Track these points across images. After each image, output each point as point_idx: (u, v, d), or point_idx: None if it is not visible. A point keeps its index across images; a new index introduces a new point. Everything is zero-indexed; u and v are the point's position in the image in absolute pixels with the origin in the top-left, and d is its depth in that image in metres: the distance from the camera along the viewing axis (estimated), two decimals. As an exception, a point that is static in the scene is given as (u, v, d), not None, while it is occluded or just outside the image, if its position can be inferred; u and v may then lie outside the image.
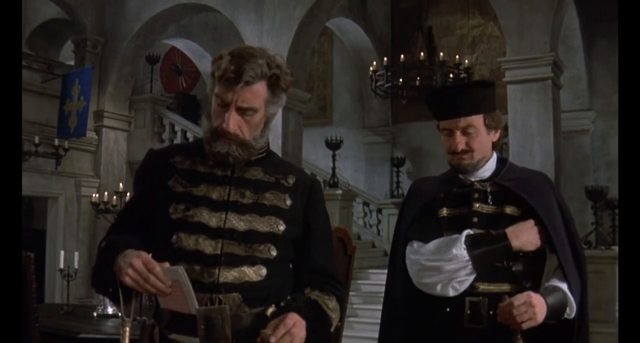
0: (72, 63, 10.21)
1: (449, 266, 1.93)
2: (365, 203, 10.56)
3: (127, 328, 1.60)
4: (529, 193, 2.02)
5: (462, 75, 9.16)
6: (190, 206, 1.70)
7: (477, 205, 2.04)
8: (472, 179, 2.09)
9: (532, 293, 1.84)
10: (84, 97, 8.55)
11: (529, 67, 6.63)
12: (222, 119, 1.68)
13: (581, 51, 9.47)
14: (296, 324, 1.58)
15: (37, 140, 8.09)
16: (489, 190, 2.06)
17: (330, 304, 1.76)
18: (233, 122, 1.67)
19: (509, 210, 2.02)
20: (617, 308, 6.27)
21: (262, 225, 1.72)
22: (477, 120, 2.03)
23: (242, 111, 1.68)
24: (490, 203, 2.04)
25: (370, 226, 10.43)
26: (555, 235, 1.98)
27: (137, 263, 1.52)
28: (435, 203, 2.09)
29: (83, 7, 9.47)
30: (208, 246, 1.67)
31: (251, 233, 1.70)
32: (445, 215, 2.07)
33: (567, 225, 2.05)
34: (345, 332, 2.84)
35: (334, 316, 1.77)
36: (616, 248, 6.81)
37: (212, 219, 1.69)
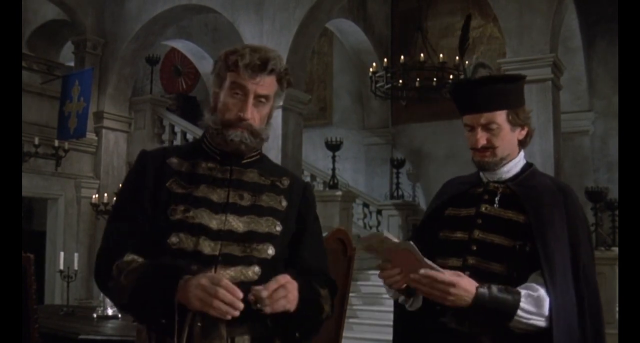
0: (72, 64, 10.23)
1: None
2: (365, 205, 10.56)
3: None
4: (534, 204, 1.91)
5: (461, 76, 9.14)
6: (190, 207, 1.72)
7: (484, 207, 1.96)
8: (490, 179, 2.01)
9: (462, 281, 1.75)
10: (84, 98, 8.56)
11: (528, 68, 6.62)
12: (237, 108, 1.75)
13: (581, 52, 9.46)
14: (288, 281, 1.61)
15: (37, 141, 8.09)
16: (499, 191, 1.98)
17: (322, 291, 1.78)
18: (250, 111, 1.75)
19: (514, 216, 1.92)
20: (617, 309, 6.27)
21: (261, 226, 1.76)
22: (500, 116, 1.93)
23: (257, 99, 1.76)
24: (497, 206, 1.95)
25: (370, 227, 10.42)
26: (544, 249, 1.83)
27: (203, 281, 1.53)
28: (443, 204, 2.06)
29: (83, 9, 9.47)
30: (207, 247, 1.69)
31: (250, 234, 1.73)
32: (448, 214, 2.02)
33: (573, 245, 1.88)
34: (345, 333, 2.84)
35: (324, 302, 1.78)
36: (616, 249, 6.81)
37: (212, 221, 1.71)
